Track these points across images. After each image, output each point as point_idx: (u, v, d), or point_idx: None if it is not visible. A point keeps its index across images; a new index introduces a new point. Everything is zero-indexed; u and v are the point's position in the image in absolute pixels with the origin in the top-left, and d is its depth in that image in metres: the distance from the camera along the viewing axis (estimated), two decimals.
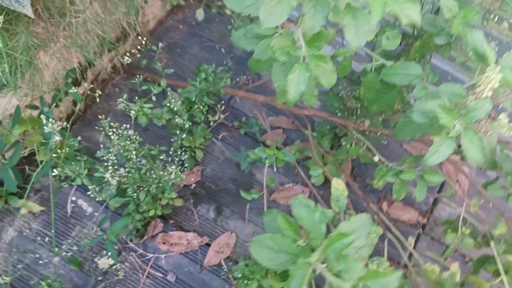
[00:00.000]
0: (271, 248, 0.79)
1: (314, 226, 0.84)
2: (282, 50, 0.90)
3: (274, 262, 0.79)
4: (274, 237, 0.80)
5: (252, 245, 0.79)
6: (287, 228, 0.85)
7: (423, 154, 1.39)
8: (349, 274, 0.78)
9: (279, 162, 1.76)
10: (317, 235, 0.83)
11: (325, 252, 0.78)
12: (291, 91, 0.90)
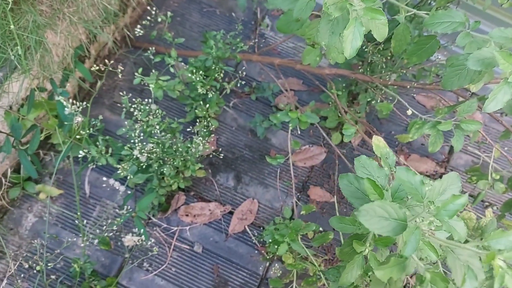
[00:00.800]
0: (381, 216, 0.78)
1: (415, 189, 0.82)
2: (335, 5, 0.86)
3: (386, 229, 0.78)
4: (383, 205, 0.79)
5: (361, 213, 0.78)
6: (373, 192, 0.84)
7: (458, 104, 1.38)
8: (454, 235, 0.78)
9: (302, 125, 1.74)
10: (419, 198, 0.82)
11: (438, 215, 0.78)
12: (347, 47, 0.87)
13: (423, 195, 0.83)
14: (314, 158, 2.21)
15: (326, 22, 0.95)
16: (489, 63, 0.94)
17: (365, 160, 0.96)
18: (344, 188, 0.94)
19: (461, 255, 0.77)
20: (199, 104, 2.01)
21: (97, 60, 2.21)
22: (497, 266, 0.74)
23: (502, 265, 0.74)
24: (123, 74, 2.24)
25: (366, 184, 0.85)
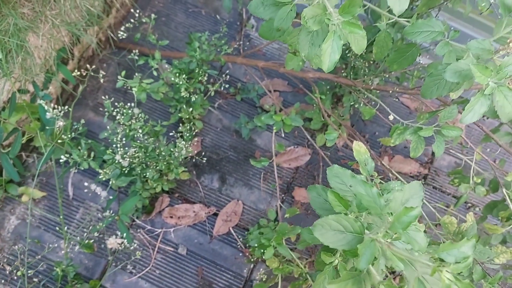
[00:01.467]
0: (336, 229, 0.78)
1: (373, 201, 0.83)
2: (314, 19, 0.86)
3: (341, 242, 0.78)
4: (338, 218, 0.79)
5: (316, 228, 0.78)
6: (338, 204, 0.84)
7: (439, 110, 1.39)
8: (414, 246, 0.78)
9: (286, 127, 1.74)
10: (377, 210, 0.83)
11: (392, 227, 0.78)
12: (325, 61, 0.88)
13: (381, 207, 0.84)
14: (299, 159, 2.22)
15: (305, 33, 0.96)
16: (465, 75, 0.95)
17: (338, 170, 0.97)
18: (312, 200, 0.94)
19: (419, 267, 0.78)
20: (183, 106, 2.01)
21: (81, 61, 2.19)
22: (444, 278, 0.76)
23: (450, 277, 0.76)
24: (107, 75, 2.23)
25: (330, 196, 0.85)
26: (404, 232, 0.79)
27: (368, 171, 1.20)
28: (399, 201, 0.87)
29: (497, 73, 0.94)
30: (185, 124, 2.08)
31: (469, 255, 0.76)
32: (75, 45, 2.07)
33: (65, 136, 1.47)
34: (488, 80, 0.94)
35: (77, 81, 2.14)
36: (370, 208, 0.83)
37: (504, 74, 0.93)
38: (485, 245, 1.65)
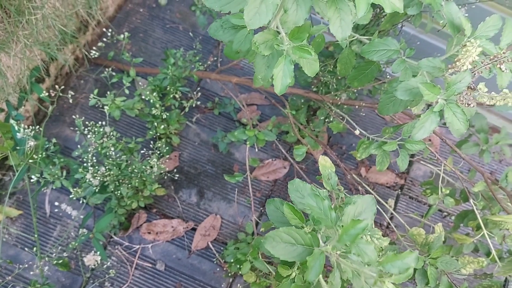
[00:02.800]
0: (287, 242, 0.80)
1: (324, 214, 0.85)
2: (265, 44, 0.89)
3: (292, 255, 0.80)
4: (289, 231, 0.81)
5: (267, 241, 0.80)
6: (293, 217, 0.86)
7: (403, 124, 1.42)
8: (364, 258, 0.80)
9: (259, 142, 1.76)
10: (328, 222, 0.85)
11: (340, 240, 0.80)
12: (277, 84, 0.90)
13: (332, 220, 0.86)
14: (277, 172, 2.23)
15: (261, 57, 0.98)
16: (416, 93, 0.98)
17: (298, 184, 0.99)
18: (270, 214, 0.96)
19: (366, 278, 0.80)
20: (159, 121, 2.02)
21: (58, 79, 2.20)
22: None
23: (391, 287, 0.78)
24: (85, 91, 2.24)
25: (286, 209, 0.87)
26: (354, 245, 0.81)
27: (331, 185, 1.22)
28: (352, 214, 0.89)
29: (446, 90, 0.96)
30: (162, 139, 2.10)
31: (411, 266, 0.78)
32: (51, 63, 2.09)
33: (36, 156, 1.48)
34: (437, 98, 0.97)
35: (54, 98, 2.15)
36: (321, 221, 0.85)
37: (452, 91, 0.96)
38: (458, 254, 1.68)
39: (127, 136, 2.15)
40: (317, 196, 0.87)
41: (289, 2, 0.81)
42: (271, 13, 0.77)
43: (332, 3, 0.81)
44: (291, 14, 0.81)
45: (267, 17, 0.77)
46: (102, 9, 2.32)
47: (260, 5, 0.75)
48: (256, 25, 0.77)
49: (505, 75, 1.09)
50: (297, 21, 0.81)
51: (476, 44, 0.92)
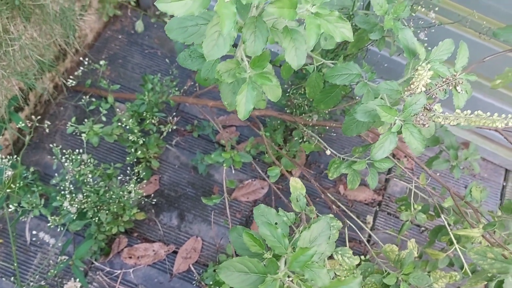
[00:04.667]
0: (241, 271, 0.83)
1: (277, 241, 0.88)
2: (228, 73, 0.93)
3: (245, 283, 0.83)
4: (242, 260, 0.84)
5: (221, 271, 0.83)
6: (253, 244, 0.89)
7: (372, 143, 1.47)
8: (316, 282, 0.83)
9: (236, 164, 1.80)
10: (281, 250, 0.88)
11: (291, 266, 0.83)
12: (241, 110, 0.94)
13: (286, 246, 0.89)
14: (257, 192, 2.26)
15: (226, 84, 1.02)
16: (375, 115, 1.02)
17: (264, 209, 1.02)
18: (234, 241, 0.99)
19: None
20: (138, 146, 2.05)
21: (37, 106, 2.22)
22: None
23: None
24: (65, 118, 2.27)
25: (245, 237, 0.90)
26: (307, 270, 0.84)
27: (300, 207, 1.25)
28: (307, 239, 0.92)
29: (403, 111, 1.01)
30: (141, 163, 2.12)
31: None
32: (30, 91, 2.11)
33: (14, 185, 1.50)
34: (395, 119, 1.01)
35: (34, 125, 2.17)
36: (275, 248, 0.88)
37: (409, 112, 1.01)
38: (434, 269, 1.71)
39: (108, 161, 2.17)
40: (270, 224, 0.90)
41: (247, 34, 0.85)
42: (228, 45, 0.81)
43: (287, 34, 0.85)
44: (249, 45, 0.85)
45: (224, 49, 0.81)
46: (80, 37, 2.36)
47: (218, 38, 0.79)
48: (215, 56, 0.81)
49: (461, 96, 1.15)
50: (255, 51, 0.86)
51: (427, 68, 0.97)
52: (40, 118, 2.27)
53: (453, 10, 1.78)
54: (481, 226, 1.31)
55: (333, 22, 0.82)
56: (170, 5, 0.73)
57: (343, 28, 0.83)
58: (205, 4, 0.74)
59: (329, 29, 0.82)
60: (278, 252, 0.88)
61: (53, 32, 1.85)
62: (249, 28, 0.85)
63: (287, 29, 0.85)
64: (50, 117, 2.28)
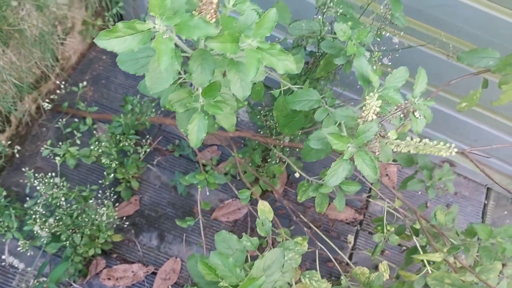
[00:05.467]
0: None
1: (229, 271, 0.89)
2: (180, 103, 0.94)
3: None
4: None
5: None
6: (208, 273, 0.90)
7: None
8: None
9: (211, 185, 1.81)
10: (232, 280, 0.89)
11: None
12: (192, 139, 0.95)
13: (237, 277, 0.90)
14: (237, 212, 2.27)
15: (182, 112, 1.03)
16: (327, 142, 1.03)
17: (225, 235, 1.03)
18: (191, 269, 1.00)
19: None
20: (118, 167, 2.06)
21: (19, 127, 2.24)
22: None
23: None
24: (46, 139, 2.28)
25: (200, 266, 0.91)
26: None
27: (265, 231, 1.26)
28: (261, 268, 0.93)
29: (356, 138, 1.02)
30: (121, 183, 2.14)
31: None
32: (11, 113, 2.13)
33: None
34: (347, 146, 1.02)
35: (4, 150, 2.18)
36: (226, 278, 0.89)
37: (361, 140, 1.02)
38: None
39: (90, 181, 2.18)
40: (221, 254, 0.91)
41: (194, 66, 0.87)
42: (171, 78, 0.82)
43: (232, 66, 0.87)
44: (196, 76, 0.87)
45: (168, 82, 0.83)
46: (64, 59, 2.39)
47: (161, 72, 0.81)
48: (158, 89, 0.83)
49: (420, 122, 1.16)
50: (202, 83, 0.87)
51: (374, 98, 0.98)
52: (23, 139, 2.28)
53: (424, 31, 1.80)
54: (445, 250, 1.31)
55: (276, 55, 0.84)
56: (109, 41, 0.75)
57: (286, 61, 0.85)
58: (145, 40, 0.76)
59: (272, 62, 0.84)
60: (229, 283, 0.89)
61: (32, 56, 1.88)
62: (196, 60, 0.87)
63: (233, 61, 0.87)
64: (32, 138, 2.30)
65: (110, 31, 0.74)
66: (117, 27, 0.74)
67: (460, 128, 2.18)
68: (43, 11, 1.90)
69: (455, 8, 1.68)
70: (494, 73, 1.32)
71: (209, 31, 0.77)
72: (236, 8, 0.93)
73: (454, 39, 1.75)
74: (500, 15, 1.62)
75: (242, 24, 0.84)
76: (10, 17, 1.74)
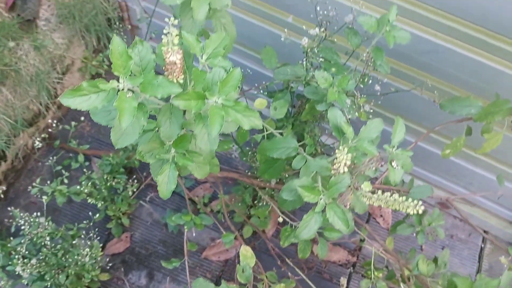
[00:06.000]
0: None
1: None
2: (150, 153, 0.95)
3: None
4: None
5: None
6: None
7: None
8: None
9: (198, 226, 1.80)
10: None
11: None
12: (162, 190, 0.96)
13: None
14: (229, 252, 2.25)
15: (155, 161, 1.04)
16: (299, 194, 1.03)
17: (202, 282, 1.02)
18: None
19: None
20: (109, 204, 2.07)
21: (15, 162, 2.27)
22: None
23: None
24: (41, 173, 2.30)
25: None
26: None
27: (246, 278, 1.25)
28: None
29: (328, 190, 1.02)
30: (112, 220, 2.14)
31: None
32: (8, 148, 2.16)
33: None
34: (319, 198, 1.02)
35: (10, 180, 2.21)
36: None
37: (332, 192, 1.01)
38: None
39: (81, 216, 2.18)
40: None
41: (162, 120, 0.88)
42: (137, 134, 0.84)
43: (199, 121, 0.88)
44: (164, 130, 0.88)
45: (133, 137, 0.84)
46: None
47: (127, 127, 0.82)
48: (123, 145, 0.84)
49: (397, 172, 1.15)
50: (170, 136, 0.88)
51: (344, 152, 0.98)
52: (18, 173, 2.31)
53: (414, 75, 1.81)
54: None
55: (241, 111, 0.85)
56: (73, 100, 0.76)
57: (251, 117, 0.86)
58: (109, 98, 0.77)
59: (238, 119, 0.85)
60: None
61: (28, 94, 1.92)
62: (165, 114, 0.88)
63: (200, 116, 0.88)
64: (28, 173, 2.32)
65: (74, 90, 0.76)
66: (82, 86, 0.76)
67: (453, 170, 2.16)
68: (41, 51, 1.95)
69: (444, 55, 1.69)
70: (476, 121, 1.32)
71: (172, 90, 0.79)
72: (208, 62, 0.95)
73: (446, 84, 1.76)
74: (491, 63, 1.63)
75: (209, 80, 0.86)
76: (7, 57, 1.79)
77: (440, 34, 1.65)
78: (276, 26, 1.95)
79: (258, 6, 1.92)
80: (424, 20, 1.63)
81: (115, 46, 0.76)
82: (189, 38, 0.92)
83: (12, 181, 2.28)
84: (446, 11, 1.57)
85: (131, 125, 0.82)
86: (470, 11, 1.52)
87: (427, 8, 1.59)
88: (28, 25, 1.94)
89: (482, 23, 1.54)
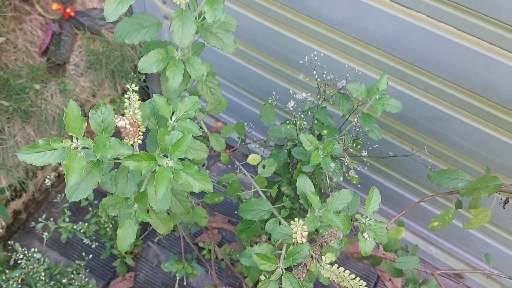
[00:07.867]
0: None
1: None
2: (113, 207, 1.00)
3: None
4: None
5: None
6: None
7: None
8: None
9: (190, 276, 1.81)
10: None
11: None
12: (120, 244, 0.99)
13: None
14: None
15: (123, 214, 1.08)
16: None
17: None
18: None
19: None
20: (114, 243, 2.13)
21: (35, 194, 2.39)
22: None
23: None
24: (60, 206, 2.41)
25: None
26: None
27: None
28: None
29: (285, 260, 1.01)
30: (117, 259, 2.19)
31: None
32: (30, 179, 2.29)
33: None
34: (276, 266, 1.01)
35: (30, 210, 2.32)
36: None
37: (290, 261, 1.01)
38: None
39: (89, 251, 2.25)
40: None
41: (119, 178, 0.92)
42: (90, 189, 0.88)
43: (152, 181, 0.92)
44: (121, 186, 0.92)
45: (86, 192, 0.88)
46: (88, 132, 2.57)
47: (81, 183, 0.87)
48: (77, 199, 0.88)
49: (368, 243, 1.14)
50: (126, 193, 0.93)
51: (299, 225, 0.98)
52: (39, 204, 2.43)
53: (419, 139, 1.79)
54: None
55: (192, 174, 0.88)
56: (29, 155, 0.82)
57: (201, 180, 0.88)
58: (63, 156, 0.83)
59: (189, 181, 0.87)
60: None
61: (49, 133, 2.04)
62: (122, 171, 0.92)
63: (153, 176, 0.92)
64: (48, 204, 2.44)
65: (31, 146, 0.82)
66: (38, 144, 0.82)
67: (465, 239, 2.07)
68: (66, 93, 2.08)
69: (449, 122, 1.66)
70: (463, 196, 1.28)
71: (122, 151, 0.83)
72: (177, 124, 0.99)
73: (453, 151, 1.72)
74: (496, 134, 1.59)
75: (167, 143, 0.90)
76: (32, 98, 1.92)
77: (445, 102, 1.63)
78: (286, 81, 2.00)
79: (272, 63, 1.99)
80: (428, 87, 1.62)
81: (70, 109, 0.82)
82: (159, 101, 0.98)
83: (32, 211, 2.40)
84: (449, 80, 1.55)
85: (84, 181, 0.86)
86: (472, 81, 1.50)
87: (432, 77, 1.59)
88: (57, 69, 2.09)
89: (485, 95, 1.51)
